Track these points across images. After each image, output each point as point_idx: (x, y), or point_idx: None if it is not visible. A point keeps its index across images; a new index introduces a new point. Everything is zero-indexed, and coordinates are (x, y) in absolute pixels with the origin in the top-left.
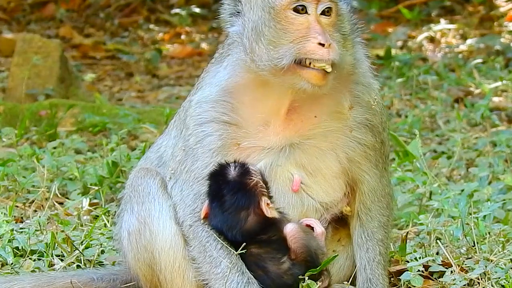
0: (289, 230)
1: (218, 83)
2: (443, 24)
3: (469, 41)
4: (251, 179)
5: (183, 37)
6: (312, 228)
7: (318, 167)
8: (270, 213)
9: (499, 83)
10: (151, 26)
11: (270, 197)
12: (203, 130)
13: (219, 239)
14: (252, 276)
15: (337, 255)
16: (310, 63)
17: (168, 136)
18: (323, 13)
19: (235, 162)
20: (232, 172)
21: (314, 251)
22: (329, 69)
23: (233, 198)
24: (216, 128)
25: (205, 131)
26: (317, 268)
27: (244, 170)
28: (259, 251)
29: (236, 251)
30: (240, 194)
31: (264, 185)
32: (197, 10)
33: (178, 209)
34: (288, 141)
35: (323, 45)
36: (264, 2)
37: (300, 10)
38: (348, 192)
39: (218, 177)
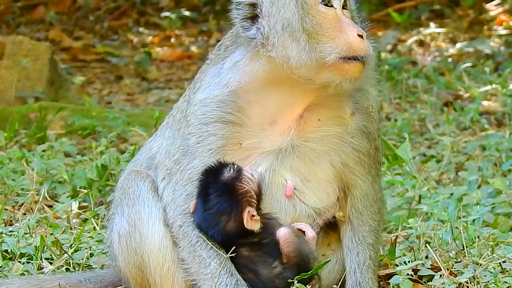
0: (282, 234)
1: (224, 83)
2: (432, 27)
3: (458, 45)
4: (241, 186)
5: (172, 40)
6: (304, 232)
7: (313, 171)
8: (250, 225)
9: (488, 87)
10: (141, 29)
11: (258, 209)
12: (207, 130)
13: (207, 242)
14: (241, 278)
15: (329, 260)
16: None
17: (161, 137)
18: (343, 7)
19: (233, 164)
20: (225, 174)
21: (306, 255)
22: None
23: (216, 199)
24: (220, 127)
25: (209, 131)
26: (309, 273)
27: (237, 175)
28: (250, 254)
29: (226, 253)
30: (224, 198)
31: (254, 195)
32: (187, 13)
33: (168, 210)
34: (290, 143)
35: (361, 36)
36: None
37: (327, 3)
38: (342, 197)
39: (210, 174)
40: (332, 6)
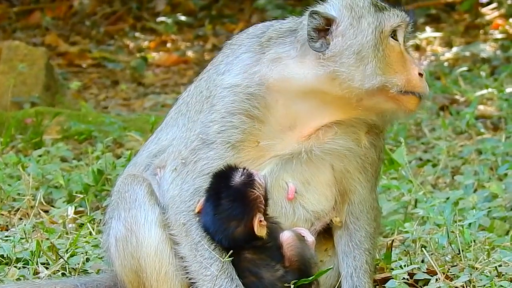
0: (286, 237)
1: (261, 75)
2: (429, 32)
3: (454, 49)
4: (253, 192)
5: (168, 45)
6: (303, 237)
7: (314, 174)
8: (259, 231)
9: (484, 91)
10: (137, 34)
11: (266, 214)
12: (231, 120)
13: (207, 247)
14: (241, 284)
15: (332, 267)
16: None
17: (174, 127)
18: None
19: (244, 169)
20: (237, 179)
21: (307, 259)
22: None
23: (228, 205)
24: (244, 121)
25: (233, 122)
26: (310, 278)
27: (249, 180)
28: (253, 257)
29: (228, 256)
30: (237, 204)
31: (263, 201)
32: (183, 18)
33: (172, 205)
34: (304, 150)
35: (421, 75)
36: (373, 25)
37: (394, 36)
38: (339, 202)
39: (222, 178)
40: (397, 40)
